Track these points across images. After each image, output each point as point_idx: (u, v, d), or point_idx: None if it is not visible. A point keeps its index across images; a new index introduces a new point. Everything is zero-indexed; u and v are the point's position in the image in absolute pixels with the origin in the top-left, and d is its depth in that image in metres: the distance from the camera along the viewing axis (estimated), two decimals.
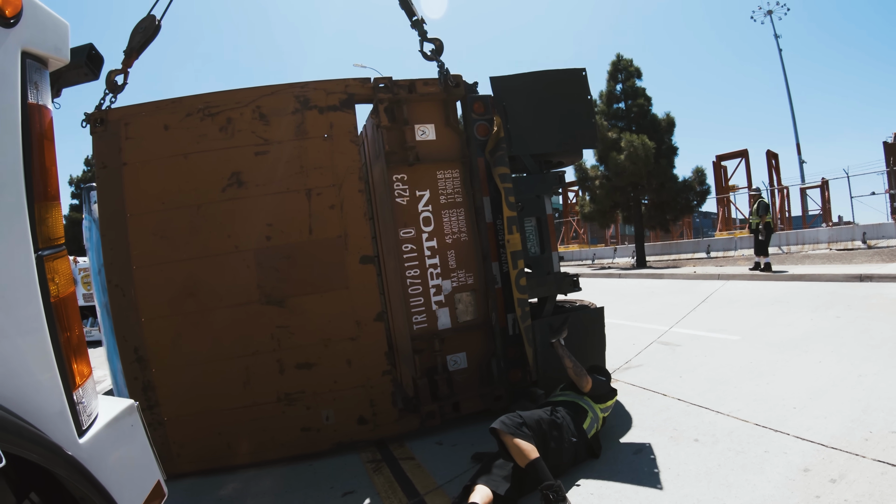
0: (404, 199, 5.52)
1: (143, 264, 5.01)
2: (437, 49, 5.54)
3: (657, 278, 17.51)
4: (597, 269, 25.12)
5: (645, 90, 24.65)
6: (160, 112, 5.12)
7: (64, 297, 2.06)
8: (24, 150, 1.93)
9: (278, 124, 5.20)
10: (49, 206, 2.05)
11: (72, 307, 2.12)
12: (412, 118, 5.53)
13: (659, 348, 7.87)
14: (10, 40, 1.89)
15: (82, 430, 2.05)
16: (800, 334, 7.42)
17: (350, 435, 5.22)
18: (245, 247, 5.11)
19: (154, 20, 5.24)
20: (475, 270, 5.72)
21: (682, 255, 28.01)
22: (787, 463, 3.85)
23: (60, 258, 2.09)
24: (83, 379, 2.13)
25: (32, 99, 1.99)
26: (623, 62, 25.29)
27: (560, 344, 4.99)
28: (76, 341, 2.11)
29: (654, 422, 5.05)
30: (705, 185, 24.28)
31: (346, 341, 5.19)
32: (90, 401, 2.17)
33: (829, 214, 31.05)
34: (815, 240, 23.15)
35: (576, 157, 6.41)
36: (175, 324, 5.04)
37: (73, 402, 2.02)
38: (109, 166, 5.04)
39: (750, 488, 3.58)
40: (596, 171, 24.59)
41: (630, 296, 14.17)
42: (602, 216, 25.74)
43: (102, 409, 2.29)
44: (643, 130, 23.18)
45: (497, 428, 3.99)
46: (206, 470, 5.08)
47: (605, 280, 19.56)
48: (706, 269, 18.11)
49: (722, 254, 25.64)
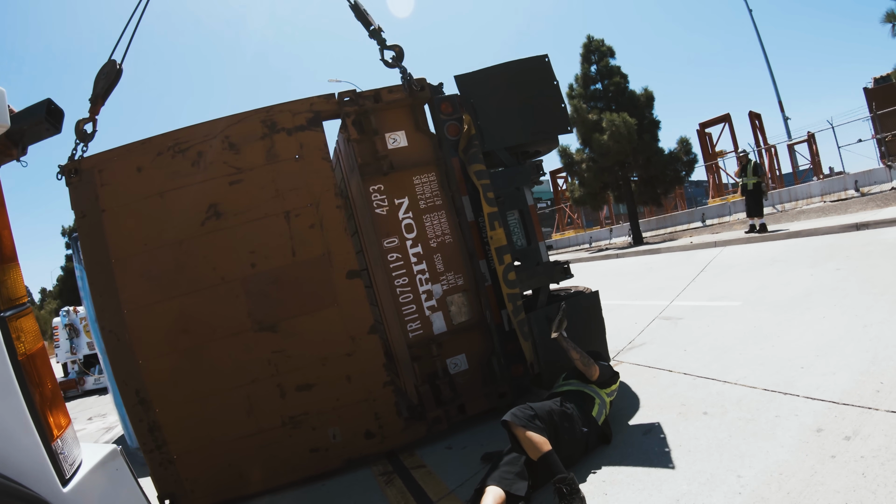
0: (383, 209, 5.52)
1: (133, 307, 5.00)
2: (398, 55, 5.53)
3: (655, 253, 17.45)
4: (594, 252, 25.06)
5: (620, 68, 24.57)
6: (131, 154, 5.12)
7: (32, 353, 2.07)
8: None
9: (249, 151, 5.20)
10: (7, 269, 2.05)
11: (41, 362, 2.12)
12: (381, 127, 5.53)
13: (661, 324, 7.83)
14: None
15: (66, 479, 2.05)
16: (801, 292, 7.32)
17: (359, 450, 5.21)
18: (231, 277, 5.10)
19: (115, 64, 5.23)
20: (464, 271, 5.71)
21: (677, 227, 27.98)
22: (800, 425, 3.79)
23: (25, 316, 2.08)
24: (61, 430, 2.13)
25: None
26: (594, 43, 25.22)
27: (563, 337, 4.93)
28: (49, 395, 2.11)
29: (661, 399, 5.01)
30: (692, 154, 24.19)
31: (343, 357, 5.18)
32: (71, 450, 2.16)
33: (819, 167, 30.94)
34: (807, 194, 23.09)
35: (552, 144, 6.39)
36: (172, 362, 5.03)
37: (53, 452, 2.03)
38: (88, 215, 5.04)
39: (763, 455, 3.54)
40: (581, 155, 24.54)
41: (629, 274, 14.12)
42: (593, 199, 25.68)
43: (86, 456, 2.28)
44: (623, 108, 23.12)
45: (509, 421, 3.96)
46: (221, 502, 5.07)
47: (604, 262, 19.49)
48: (702, 237, 18.07)
49: (717, 220, 25.64)
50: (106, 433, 10.48)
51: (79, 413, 14.02)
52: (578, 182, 25.65)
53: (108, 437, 10.02)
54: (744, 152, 17.42)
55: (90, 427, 11.66)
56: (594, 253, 24.38)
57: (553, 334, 4.99)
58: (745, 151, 17.43)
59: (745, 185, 15.66)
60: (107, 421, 11.81)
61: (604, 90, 24.48)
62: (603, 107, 23.99)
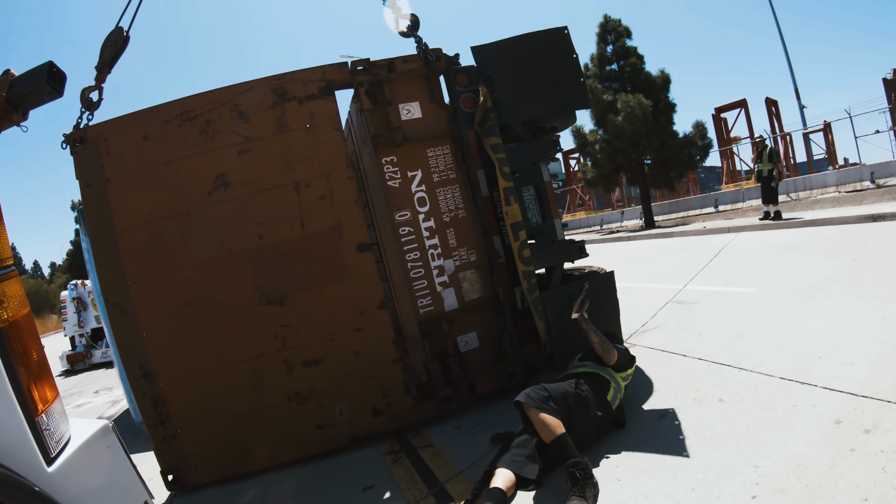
0: (396, 181, 5.39)
1: (138, 279, 4.90)
2: (413, 25, 5.37)
3: (667, 237, 17.33)
4: (605, 234, 24.98)
5: (636, 49, 24.35)
6: (138, 123, 4.99)
7: (16, 319, 1.93)
8: None
9: (258, 120, 5.06)
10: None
11: (27, 329, 1.97)
12: (395, 98, 5.39)
13: (675, 308, 7.72)
14: None
15: (51, 458, 1.90)
16: (817, 280, 7.21)
17: (366, 428, 5.12)
18: (238, 248, 4.98)
19: (122, 32, 5.09)
20: (477, 247, 5.59)
21: (690, 212, 27.86)
22: (818, 416, 3.70)
23: (10, 279, 1.95)
24: (47, 404, 1.98)
25: None
26: (611, 23, 24.97)
27: (584, 318, 4.75)
28: (35, 366, 1.97)
29: (675, 384, 4.92)
30: (707, 138, 24.02)
31: (352, 333, 5.07)
32: (58, 426, 2.02)
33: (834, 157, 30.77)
34: (822, 184, 22.89)
35: (569, 119, 6.23)
36: (177, 335, 4.94)
37: (38, 429, 1.88)
38: (93, 184, 4.93)
39: (781, 446, 3.45)
40: (595, 136, 24.39)
41: (641, 257, 14.00)
42: (606, 180, 25.56)
43: (75, 432, 2.13)
44: (638, 89, 22.92)
45: (522, 401, 3.86)
46: (225, 478, 5.00)
47: (615, 244, 19.39)
48: (716, 223, 17.93)
49: (730, 206, 25.47)
50: (112, 406, 10.45)
51: (85, 386, 14.03)
52: (591, 163, 25.55)
53: (114, 410, 10.00)
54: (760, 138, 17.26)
55: (96, 401, 11.65)
56: (605, 235, 24.30)
57: (574, 314, 4.84)
58: (762, 137, 17.25)
59: (759, 172, 15.47)
60: (113, 394, 11.80)
61: (619, 71, 24.25)
62: (618, 88, 23.81)
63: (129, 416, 8.40)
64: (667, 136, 22.96)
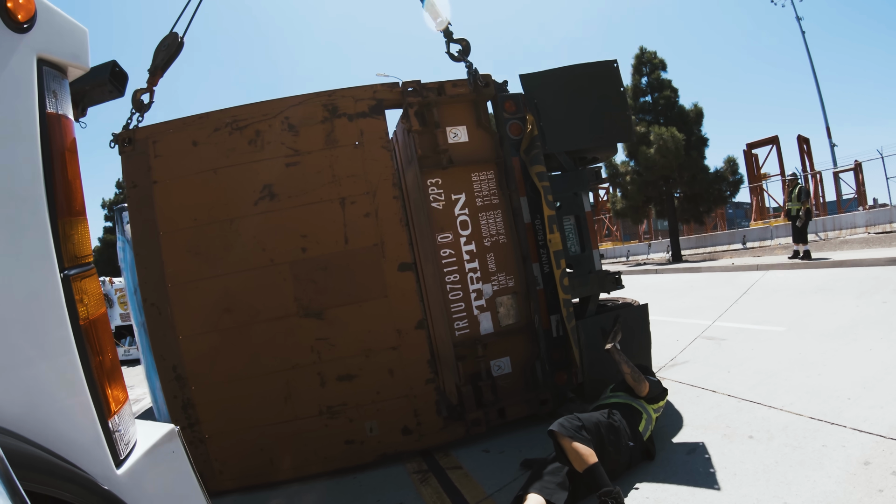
0: (440, 203, 5.43)
1: (177, 282, 4.97)
2: (465, 49, 5.44)
3: (695, 272, 17.20)
4: (632, 266, 24.84)
5: (671, 82, 24.26)
6: (188, 128, 5.09)
7: (94, 318, 1.92)
8: (45, 163, 1.79)
9: (308, 134, 5.14)
10: (74, 222, 1.91)
11: (103, 329, 1.97)
12: (443, 121, 5.45)
13: (704, 343, 7.68)
14: (24, 46, 1.76)
15: (120, 461, 1.90)
16: (847, 322, 7.15)
17: (395, 446, 5.13)
18: (280, 260, 5.05)
19: (177, 37, 5.22)
20: (515, 273, 5.60)
21: (717, 248, 27.65)
22: (847, 457, 3.69)
23: (89, 277, 1.94)
24: (119, 405, 1.99)
25: (51, 108, 1.85)
26: (647, 55, 24.95)
27: (616, 349, 4.79)
28: (109, 365, 1.97)
29: (705, 419, 4.90)
30: (738, 174, 23.87)
31: (388, 351, 5.10)
32: (127, 428, 2.02)
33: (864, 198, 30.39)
34: (851, 224, 22.67)
35: (611, 151, 6.27)
36: (213, 340, 5.00)
37: (109, 430, 1.88)
38: (139, 185, 5.02)
39: (810, 485, 3.45)
40: (626, 167, 24.30)
41: (669, 291, 13.90)
42: (634, 212, 25.42)
43: (141, 435, 2.14)
44: (671, 122, 22.83)
45: (556, 430, 3.87)
46: (248, 486, 5.02)
47: (642, 276, 19.24)
48: (744, 260, 17.75)
49: (758, 244, 25.25)
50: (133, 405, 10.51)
51: None
52: (621, 194, 25.40)
53: (135, 409, 10.04)
54: (792, 175, 17.11)
55: None
56: (632, 267, 24.13)
57: (607, 346, 4.86)
58: (794, 175, 17.10)
59: (789, 210, 15.36)
60: (134, 392, 11.85)
61: (653, 103, 24.18)
62: (651, 120, 23.72)
63: (150, 414, 8.45)
64: (698, 171, 22.83)
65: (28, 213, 1.75)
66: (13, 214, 1.73)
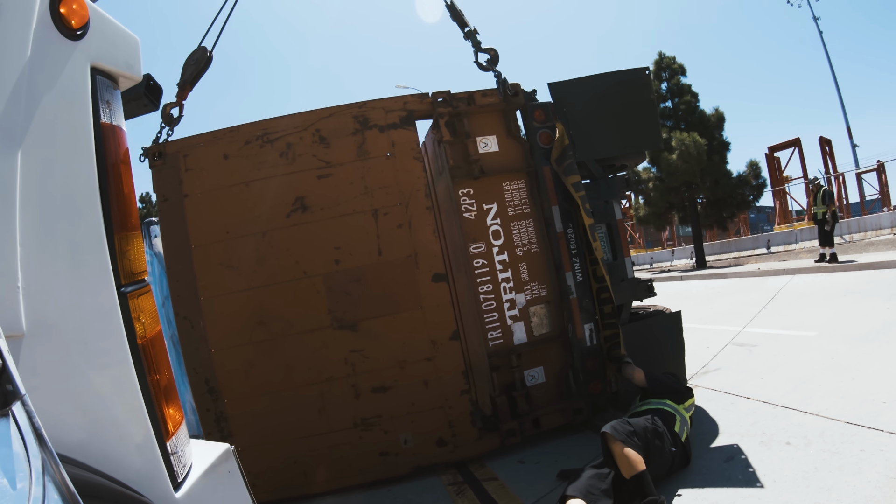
0: (472, 213, 5.42)
1: (210, 295, 4.99)
2: (493, 59, 5.44)
3: (720, 278, 17.08)
4: (656, 273, 24.68)
5: (691, 87, 24.28)
6: (218, 142, 5.12)
7: (151, 336, 1.86)
8: (100, 176, 1.74)
9: (339, 146, 5.15)
10: (130, 238, 1.84)
11: (159, 347, 1.92)
12: (473, 131, 5.44)
13: (735, 350, 7.62)
14: (77, 54, 1.71)
15: (178, 483, 1.83)
16: (879, 325, 7.09)
17: (429, 458, 5.11)
18: (314, 272, 5.05)
19: (205, 52, 5.25)
20: (548, 282, 5.57)
21: (741, 253, 27.43)
22: (886, 461, 3.66)
23: (145, 294, 1.88)
24: (176, 426, 1.92)
25: (105, 119, 1.80)
26: (666, 60, 24.93)
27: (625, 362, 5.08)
28: (166, 384, 1.91)
29: (741, 427, 4.86)
30: (761, 178, 23.76)
31: (423, 362, 5.09)
32: (184, 449, 1.95)
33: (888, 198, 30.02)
34: (877, 226, 22.39)
35: (639, 158, 6.26)
36: (246, 353, 5.00)
37: (167, 452, 1.81)
38: (171, 199, 5.06)
39: (850, 490, 3.42)
40: (648, 174, 24.26)
41: (695, 297, 13.82)
42: (657, 219, 25.38)
43: (196, 455, 2.07)
44: (692, 128, 22.78)
45: (609, 433, 3.84)
46: (283, 499, 5.00)
47: (667, 283, 19.11)
48: (769, 264, 17.62)
49: (783, 248, 25.00)
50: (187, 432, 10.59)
51: None
52: (644, 201, 25.34)
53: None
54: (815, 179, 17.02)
55: None
56: (656, 274, 23.98)
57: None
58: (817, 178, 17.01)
59: (815, 214, 15.28)
60: None
61: (674, 108, 24.14)
62: (672, 125, 23.67)
63: None
64: (720, 175, 22.76)
65: (86, 228, 1.70)
66: (71, 230, 1.69)
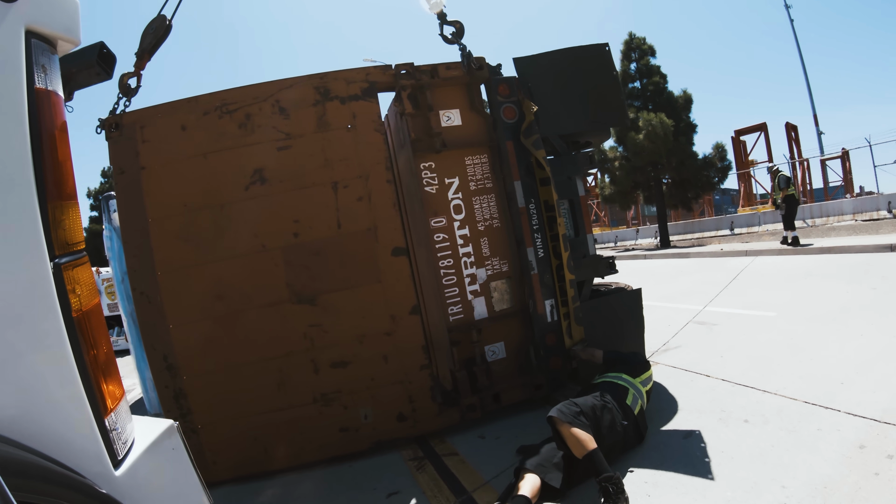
0: (433, 187, 5.36)
1: (167, 269, 4.88)
2: (458, 32, 5.37)
3: (684, 257, 17.27)
4: (620, 251, 24.86)
5: (660, 68, 24.38)
6: (176, 112, 4.99)
7: (88, 309, 1.80)
8: (33, 143, 1.66)
9: (299, 117, 5.05)
10: (65, 207, 1.78)
11: (97, 320, 1.85)
12: (436, 104, 5.38)
13: (695, 328, 7.70)
14: (11, 17, 1.63)
15: (118, 461, 1.78)
16: (837, 307, 7.23)
17: (390, 433, 5.09)
18: (272, 245, 4.97)
19: (165, 20, 5.09)
20: (509, 257, 5.55)
21: (705, 234, 27.83)
22: (842, 440, 3.74)
23: (82, 265, 1.81)
24: (115, 402, 1.87)
25: (40, 84, 1.72)
26: (636, 41, 24.99)
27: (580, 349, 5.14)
28: (104, 359, 1.85)
29: (700, 403, 4.91)
30: (726, 160, 24.02)
31: (382, 337, 5.05)
32: (125, 425, 1.90)
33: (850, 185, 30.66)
34: (839, 211, 22.86)
35: (604, 135, 6.25)
36: (204, 328, 4.92)
37: (106, 429, 1.76)
38: (127, 171, 4.91)
39: (806, 468, 3.48)
40: (615, 153, 24.38)
41: (658, 276, 13.97)
42: (623, 197, 25.53)
43: (138, 432, 2.02)
44: (660, 109, 22.90)
45: (555, 416, 3.84)
46: (243, 476, 4.96)
47: (631, 262, 19.29)
48: (732, 245, 17.84)
49: (746, 230, 25.42)
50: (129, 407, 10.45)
51: None
52: (609, 179, 25.49)
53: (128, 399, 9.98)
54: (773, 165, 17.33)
55: None
56: (620, 252, 24.18)
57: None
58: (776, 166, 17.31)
59: (775, 199, 15.56)
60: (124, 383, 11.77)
61: (642, 89, 24.25)
62: (640, 106, 23.80)
63: (141, 405, 8.37)
64: (686, 157, 22.95)
65: (15, 196, 1.64)
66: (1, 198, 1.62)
